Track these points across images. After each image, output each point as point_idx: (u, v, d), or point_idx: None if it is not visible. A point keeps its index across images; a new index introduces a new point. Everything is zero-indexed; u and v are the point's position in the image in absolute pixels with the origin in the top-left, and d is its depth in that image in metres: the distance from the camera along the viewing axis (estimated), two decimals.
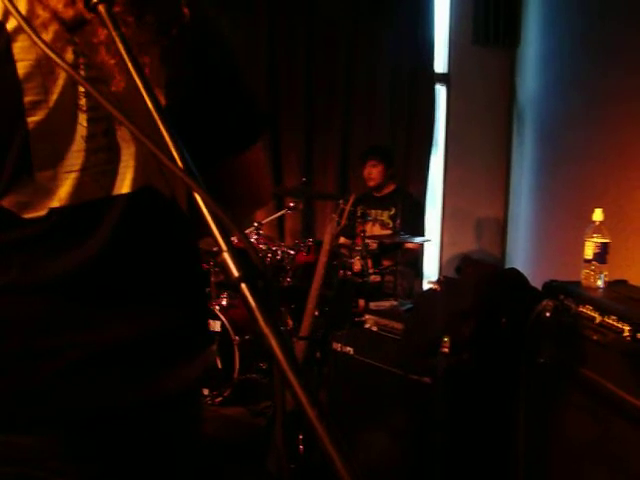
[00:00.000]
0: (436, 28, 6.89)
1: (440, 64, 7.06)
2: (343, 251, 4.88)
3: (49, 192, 1.05)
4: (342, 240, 5.29)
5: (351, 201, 3.78)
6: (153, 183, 1.15)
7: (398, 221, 5.32)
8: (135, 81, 0.88)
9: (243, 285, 0.72)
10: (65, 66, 0.89)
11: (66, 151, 1.06)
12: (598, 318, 2.50)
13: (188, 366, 1.24)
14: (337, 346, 3.44)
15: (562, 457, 2.69)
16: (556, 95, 5.71)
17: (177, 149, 0.83)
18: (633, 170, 4.09)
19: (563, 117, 5.52)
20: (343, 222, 3.67)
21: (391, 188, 5.89)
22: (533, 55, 6.38)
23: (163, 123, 0.85)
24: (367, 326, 3.52)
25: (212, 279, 4.85)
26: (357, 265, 4.76)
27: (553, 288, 2.86)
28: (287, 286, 4.79)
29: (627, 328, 2.32)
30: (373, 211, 5.75)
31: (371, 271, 4.92)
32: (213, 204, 0.77)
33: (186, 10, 1.12)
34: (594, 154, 4.72)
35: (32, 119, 1.01)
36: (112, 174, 1.10)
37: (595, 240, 2.77)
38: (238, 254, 0.74)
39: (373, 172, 5.75)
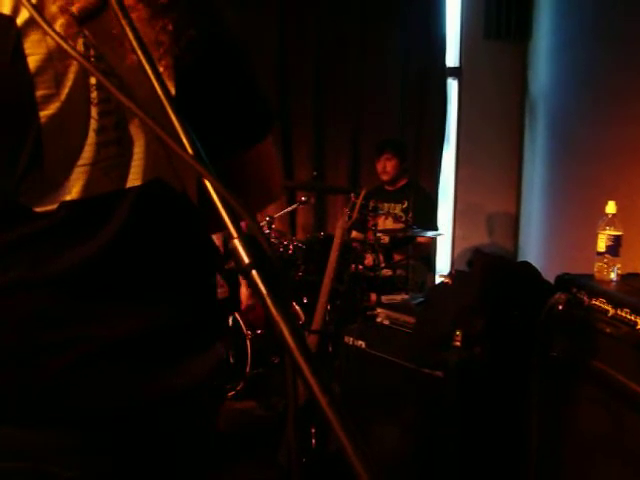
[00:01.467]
0: (448, 22, 6.88)
1: (452, 58, 7.05)
2: (355, 245, 4.87)
3: (61, 186, 1.05)
4: (354, 234, 5.28)
5: (362, 195, 3.78)
6: (163, 176, 1.14)
7: (410, 214, 5.31)
8: (145, 69, 0.88)
9: (254, 272, 0.72)
10: (78, 57, 0.89)
11: (78, 145, 1.06)
12: (611, 311, 2.49)
13: (198, 361, 1.24)
14: (349, 340, 3.43)
15: (575, 450, 2.69)
16: (568, 89, 5.68)
17: (187, 137, 0.83)
18: None
19: (575, 112, 5.50)
20: (354, 216, 3.67)
21: (404, 182, 5.89)
22: (545, 49, 6.35)
23: (173, 111, 0.85)
24: (379, 320, 3.52)
25: None
26: (369, 259, 4.76)
27: (565, 281, 2.86)
28: (299, 280, 4.80)
29: None
30: (386, 204, 5.74)
31: (383, 265, 4.92)
32: (224, 191, 0.77)
33: (192, 32, 1.11)
34: (606, 149, 4.70)
35: (44, 113, 1.01)
36: (123, 167, 1.10)
37: (608, 233, 2.76)
38: (249, 241, 0.74)
39: (388, 166, 5.74)
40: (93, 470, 1.09)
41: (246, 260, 0.73)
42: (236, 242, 0.74)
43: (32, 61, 0.99)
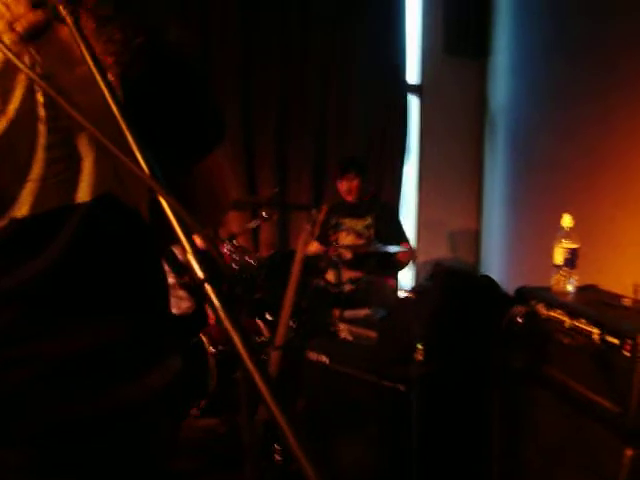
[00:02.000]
0: (407, 39, 6.93)
1: (412, 75, 7.11)
2: (319, 262, 4.88)
3: (10, 202, 1.05)
4: (315, 247, 5.28)
5: (323, 211, 3.80)
6: (113, 191, 1.15)
7: (372, 231, 5.32)
8: (99, 83, 0.89)
9: (207, 286, 0.74)
10: (29, 71, 0.91)
11: (26, 161, 1.06)
12: (568, 322, 2.54)
13: (152, 375, 1.24)
14: (312, 355, 3.44)
15: (535, 460, 2.72)
16: (527, 104, 5.77)
17: (142, 153, 0.84)
18: (601, 174, 4.15)
19: (533, 125, 5.58)
20: (316, 232, 3.69)
21: (365, 197, 5.87)
22: (505, 63, 6.44)
23: (127, 127, 0.86)
24: (342, 335, 3.54)
25: None
26: (330, 275, 4.78)
27: (524, 294, 2.90)
28: (262, 297, 4.80)
29: (596, 331, 2.36)
30: (347, 220, 5.72)
31: (346, 280, 4.93)
32: (178, 208, 0.78)
33: (140, 39, 1.13)
34: (562, 161, 4.77)
35: None
36: (72, 183, 1.10)
37: (565, 246, 2.81)
38: (202, 256, 0.76)
39: (352, 186, 5.64)
40: None
41: (200, 274, 0.75)
42: (190, 257, 0.76)
43: None
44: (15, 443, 1.08)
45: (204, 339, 4.54)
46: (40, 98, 1.05)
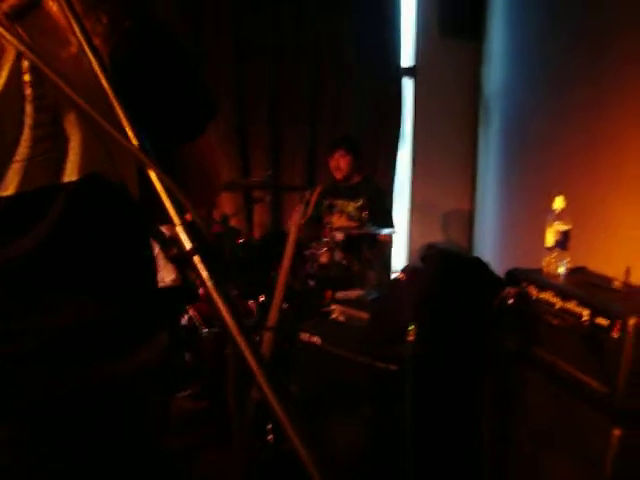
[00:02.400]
0: (402, 21, 6.91)
1: (407, 57, 7.09)
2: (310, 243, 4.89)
3: None
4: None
5: (317, 192, 3.80)
6: (101, 170, 1.15)
7: (365, 212, 5.33)
8: (90, 58, 0.89)
9: (195, 257, 0.75)
10: (19, 45, 0.90)
11: (12, 140, 1.07)
12: (558, 303, 2.55)
13: (139, 350, 1.25)
14: (305, 336, 3.45)
15: (525, 440, 2.74)
16: (520, 86, 5.76)
17: (131, 128, 0.85)
18: (594, 157, 4.15)
19: (526, 107, 5.58)
20: (309, 213, 3.69)
21: (358, 178, 5.87)
22: (500, 46, 6.43)
23: (118, 101, 0.87)
24: (334, 316, 3.55)
25: None
26: (324, 257, 4.79)
27: (515, 275, 2.91)
28: (254, 278, 4.81)
29: (586, 312, 2.38)
30: (339, 202, 5.73)
31: (339, 261, 4.94)
32: (167, 180, 0.79)
33: (128, 22, 1.13)
34: (556, 143, 4.78)
35: None
36: (59, 162, 1.11)
37: (556, 227, 2.82)
38: (190, 228, 0.77)
39: (341, 162, 5.70)
40: (29, 459, 1.11)
41: (188, 246, 0.75)
42: (178, 229, 0.76)
43: None
44: (3, 418, 1.09)
45: (195, 316, 4.55)
46: (26, 77, 1.05)
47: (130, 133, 0.84)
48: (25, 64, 1.04)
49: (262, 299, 4.74)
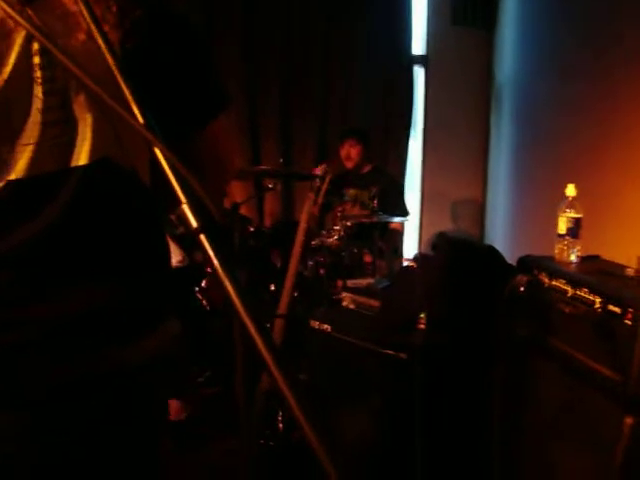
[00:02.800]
0: (414, 10, 6.88)
1: (418, 45, 7.07)
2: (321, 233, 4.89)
3: (6, 165, 1.06)
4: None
5: (328, 179, 3.78)
6: (111, 155, 1.15)
7: (375, 201, 5.32)
8: (98, 41, 0.88)
9: (202, 236, 0.74)
10: (27, 25, 0.90)
11: (22, 124, 1.06)
12: (570, 291, 2.53)
13: (149, 337, 1.25)
14: (315, 324, 3.45)
15: (537, 428, 2.73)
16: (533, 76, 5.73)
17: (138, 107, 0.84)
18: (606, 147, 4.13)
19: (539, 97, 5.54)
20: (320, 200, 3.68)
21: (368, 168, 5.92)
22: (511, 35, 6.40)
23: (125, 82, 0.86)
24: (344, 304, 3.54)
25: None
26: (335, 245, 4.78)
27: (527, 263, 2.89)
28: (265, 266, 4.81)
29: (598, 300, 2.36)
30: (352, 190, 5.76)
31: (350, 250, 4.93)
32: (173, 158, 0.78)
33: (138, 12, 1.14)
34: (568, 133, 4.75)
35: None
36: (69, 146, 1.11)
37: (568, 215, 2.80)
38: (197, 206, 0.76)
39: (352, 152, 5.77)
40: (33, 447, 1.11)
41: (194, 224, 0.75)
42: (184, 207, 0.76)
43: None
44: (8, 406, 1.09)
45: (203, 301, 4.54)
46: (36, 60, 1.05)
47: (137, 112, 0.83)
48: (35, 46, 1.04)
49: (273, 287, 4.74)
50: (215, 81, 1.38)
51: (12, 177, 1.06)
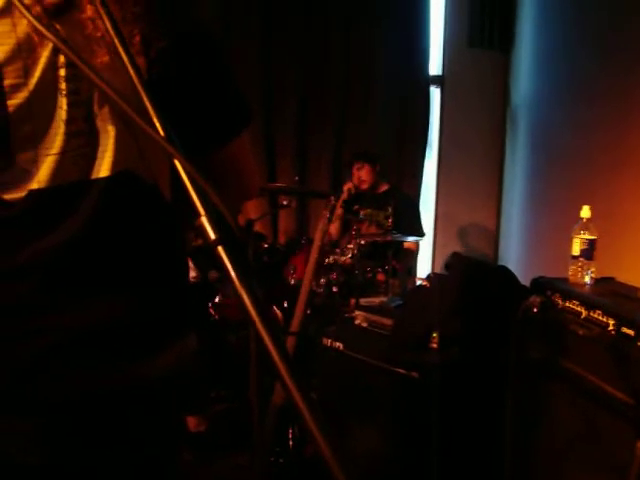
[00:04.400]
0: (431, 31, 6.91)
1: (435, 66, 7.09)
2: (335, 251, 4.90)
3: (28, 174, 1.07)
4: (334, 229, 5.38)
5: (342, 197, 3.79)
6: (133, 168, 1.16)
7: (390, 220, 5.33)
8: (120, 54, 0.89)
9: (220, 248, 0.75)
10: (52, 38, 0.92)
11: (46, 134, 1.08)
12: (584, 313, 2.53)
13: (166, 353, 1.25)
14: (327, 341, 3.45)
15: (549, 450, 2.71)
16: (549, 98, 5.74)
17: (159, 120, 0.85)
18: (622, 171, 4.12)
19: (554, 119, 5.55)
20: (334, 219, 3.69)
21: (385, 187, 5.95)
22: (527, 58, 6.41)
23: (147, 96, 0.87)
24: (357, 322, 3.54)
25: None
26: (348, 263, 4.78)
27: (541, 284, 2.89)
28: (279, 283, 4.82)
29: (612, 322, 2.35)
30: (370, 210, 5.78)
31: (363, 268, 4.94)
32: (192, 170, 0.79)
33: (161, 44, 1.15)
34: (584, 155, 4.75)
35: (12, 102, 1.03)
36: (91, 158, 1.12)
37: (582, 237, 2.80)
38: (216, 219, 0.77)
39: (362, 174, 5.81)
40: (52, 456, 1.11)
41: (212, 236, 0.75)
42: (203, 219, 0.76)
43: (1, 51, 1.02)
44: (25, 412, 1.10)
45: (216, 317, 4.54)
46: (62, 72, 1.07)
47: (157, 124, 0.84)
48: (61, 59, 1.06)
49: (285, 304, 4.74)
50: (238, 99, 1.39)
51: (34, 186, 1.07)
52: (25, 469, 1.10)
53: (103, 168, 1.12)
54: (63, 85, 1.07)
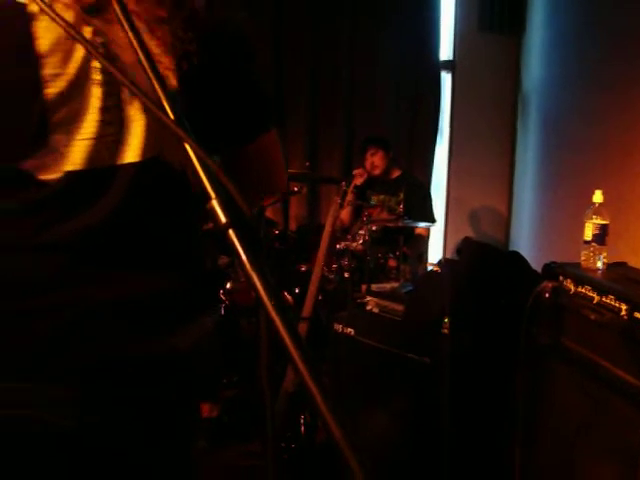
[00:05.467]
0: (442, 15, 6.88)
1: (445, 51, 7.06)
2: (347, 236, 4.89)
3: (63, 156, 1.14)
4: (345, 215, 5.37)
5: (354, 183, 3.79)
6: (163, 155, 1.22)
7: (401, 206, 5.33)
8: (138, 53, 0.95)
9: (231, 231, 0.75)
10: (82, 41, 0.98)
11: (81, 120, 1.15)
12: (596, 298, 2.52)
13: (188, 329, 1.30)
14: (338, 327, 3.45)
15: (560, 435, 2.71)
16: (560, 82, 5.71)
17: (170, 104, 0.87)
18: (633, 155, 4.10)
19: (566, 104, 5.52)
20: (346, 204, 3.69)
21: (397, 173, 5.95)
22: (538, 42, 6.37)
23: (155, 76, 0.89)
24: (368, 307, 3.54)
25: None
26: (359, 249, 4.78)
27: (552, 269, 2.88)
28: (290, 269, 4.82)
29: (624, 307, 2.34)
30: (382, 196, 5.79)
31: (374, 254, 4.93)
32: (202, 154, 0.80)
33: (192, 47, 1.23)
34: (596, 141, 4.73)
35: (50, 90, 1.11)
36: (123, 144, 1.19)
37: (594, 221, 2.79)
38: (227, 202, 0.77)
39: (375, 160, 5.80)
40: (87, 421, 1.16)
41: (223, 219, 0.75)
42: (214, 202, 0.76)
43: (42, 44, 1.10)
44: (59, 379, 1.14)
45: (227, 303, 4.55)
46: (97, 64, 1.15)
47: (167, 107, 0.85)
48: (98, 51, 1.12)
49: (297, 291, 4.75)
50: (265, 96, 1.50)
51: (68, 168, 1.14)
52: (59, 433, 1.14)
53: (133, 154, 1.19)
54: (97, 76, 1.15)
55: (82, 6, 1.12)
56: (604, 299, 2.47)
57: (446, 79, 7.12)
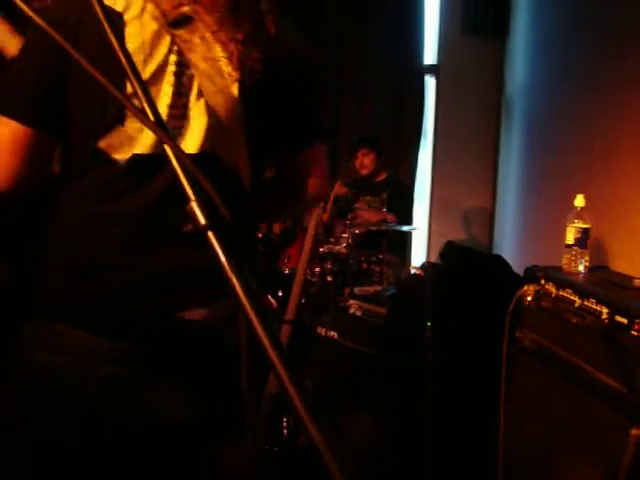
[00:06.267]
0: (426, 19, 6.89)
1: (430, 55, 7.07)
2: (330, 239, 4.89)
3: (135, 140, 1.36)
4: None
5: (336, 187, 3.79)
6: (217, 151, 1.42)
7: (385, 208, 5.34)
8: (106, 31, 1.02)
9: (210, 233, 0.75)
10: (107, 84, 1.02)
11: None
12: (578, 301, 2.53)
13: (224, 304, 1.43)
14: (321, 331, 3.46)
15: (542, 438, 2.72)
16: (544, 86, 5.73)
17: (149, 105, 0.88)
18: (616, 159, 4.11)
19: (550, 108, 5.54)
20: (328, 208, 3.69)
21: (383, 176, 5.95)
22: (522, 45, 6.39)
23: (137, 80, 0.95)
24: (351, 311, 3.55)
25: None
26: (343, 252, 4.78)
27: (535, 273, 2.89)
28: (274, 272, 4.81)
29: (605, 311, 2.36)
30: (366, 198, 5.79)
31: (357, 257, 4.93)
32: (182, 156, 0.80)
33: (257, 68, 1.44)
34: (578, 143, 4.74)
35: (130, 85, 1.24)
36: (184, 136, 1.40)
37: (576, 225, 2.81)
38: (206, 204, 0.77)
39: (366, 160, 5.82)
40: (126, 373, 1.37)
41: (202, 221, 0.76)
42: (193, 204, 0.77)
43: (130, 47, 1.32)
44: (117, 335, 1.35)
45: None
46: (172, 68, 1.39)
47: (148, 111, 0.86)
48: (172, 58, 1.38)
49: (280, 294, 4.74)
50: (315, 114, 1.71)
51: (138, 151, 1.36)
52: (117, 379, 1.36)
53: (192, 145, 1.41)
54: (170, 78, 1.39)
55: (168, 19, 1.35)
56: (585, 302, 2.48)
57: (430, 82, 7.13)
